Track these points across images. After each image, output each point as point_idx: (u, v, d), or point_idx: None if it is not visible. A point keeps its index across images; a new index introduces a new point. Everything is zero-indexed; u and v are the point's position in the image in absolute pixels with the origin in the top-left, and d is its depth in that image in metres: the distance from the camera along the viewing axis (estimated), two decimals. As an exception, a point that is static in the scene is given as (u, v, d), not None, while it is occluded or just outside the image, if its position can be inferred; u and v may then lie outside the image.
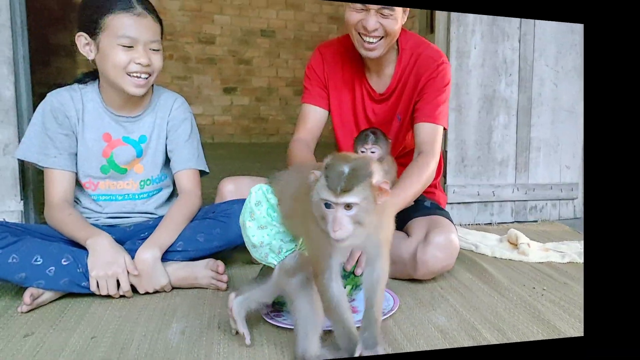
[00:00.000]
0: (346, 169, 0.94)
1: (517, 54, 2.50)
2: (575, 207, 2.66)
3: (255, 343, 1.21)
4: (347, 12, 1.68)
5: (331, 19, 6.05)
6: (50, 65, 4.93)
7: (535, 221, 2.60)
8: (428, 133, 1.74)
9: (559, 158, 2.62)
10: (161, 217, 1.63)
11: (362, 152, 1.67)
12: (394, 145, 1.84)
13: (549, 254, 1.98)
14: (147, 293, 1.47)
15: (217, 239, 1.55)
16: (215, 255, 1.56)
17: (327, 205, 0.95)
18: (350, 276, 1.37)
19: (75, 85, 1.58)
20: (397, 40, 1.78)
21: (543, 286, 1.66)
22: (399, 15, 1.65)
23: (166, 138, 1.65)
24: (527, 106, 2.54)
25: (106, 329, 1.27)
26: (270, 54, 5.81)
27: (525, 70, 2.52)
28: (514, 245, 2.08)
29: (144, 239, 1.50)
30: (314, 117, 1.87)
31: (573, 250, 2.01)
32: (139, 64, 1.48)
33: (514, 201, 2.57)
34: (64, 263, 1.40)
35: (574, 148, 2.61)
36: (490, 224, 2.54)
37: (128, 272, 1.43)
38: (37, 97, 1.75)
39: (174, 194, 1.74)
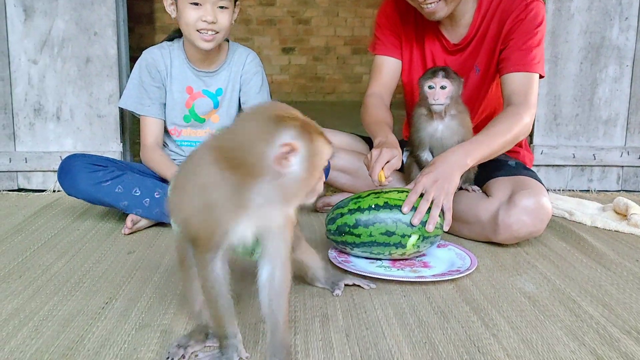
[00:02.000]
0: None
1: None
2: None
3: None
4: None
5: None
6: (134, 31, 5.41)
7: None
8: (520, 83, 1.55)
9: None
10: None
11: (431, 87, 1.54)
12: (470, 103, 1.66)
13: None
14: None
15: None
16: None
17: None
18: (418, 226, 1.33)
19: (165, 43, 1.80)
20: None
21: None
22: None
23: (240, 90, 1.84)
24: None
25: (190, 255, 1.49)
26: (329, 13, 5.89)
27: None
28: (623, 215, 1.80)
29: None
30: (388, 68, 1.76)
31: None
32: (205, 21, 1.62)
33: (622, 167, 2.25)
34: (156, 196, 1.64)
35: None
36: (588, 190, 2.26)
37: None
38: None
39: (246, 142, 1.94)
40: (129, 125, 2.22)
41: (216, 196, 0.85)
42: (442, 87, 1.53)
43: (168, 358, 0.95)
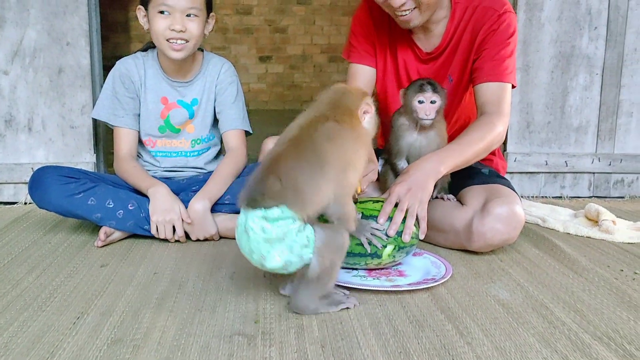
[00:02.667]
0: None
1: (607, 3, 2.19)
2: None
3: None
4: None
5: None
6: (109, 40, 5.44)
7: (622, 197, 2.31)
8: (493, 93, 1.56)
9: None
10: (210, 172, 1.81)
11: (421, 102, 1.53)
12: (444, 112, 1.65)
13: None
14: (198, 240, 1.66)
15: None
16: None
17: None
18: (394, 236, 1.33)
19: (139, 54, 1.78)
20: None
21: (635, 269, 1.47)
22: None
23: (215, 100, 1.84)
24: (617, 64, 2.22)
25: (165, 267, 1.45)
26: (305, 21, 5.91)
27: (617, 22, 2.19)
28: (594, 221, 1.83)
29: (196, 191, 1.70)
30: (363, 76, 1.75)
31: (676, 233, 1.73)
32: (174, 30, 1.62)
33: (594, 173, 2.28)
34: (130, 208, 1.62)
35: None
36: (561, 197, 2.28)
37: (183, 220, 1.64)
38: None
39: (221, 152, 1.93)
40: (103, 136, 2.20)
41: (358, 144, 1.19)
42: (432, 102, 1.54)
43: None
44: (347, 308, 1.21)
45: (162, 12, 1.62)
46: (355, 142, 1.18)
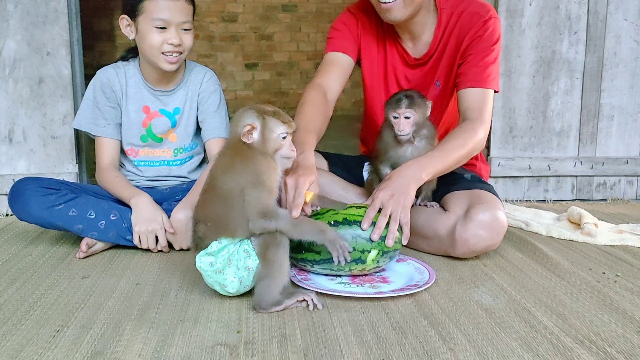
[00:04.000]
0: None
1: (586, 8, 2.20)
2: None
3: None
4: None
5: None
6: (94, 49, 5.46)
7: (605, 200, 2.33)
8: (475, 99, 1.56)
9: (638, 128, 2.29)
10: (193, 181, 1.80)
11: (395, 117, 1.52)
12: (431, 117, 1.63)
13: (624, 236, 1.73)
14: (181, 250, 1.65)
15: None
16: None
17: None
18: (377, 241, 1.33)
19: (120, 63, 1.77)
20: (434, 1, 1.62)
21: (616, 272, 1.48)
22: None
23: (197, 109, 1.83)
24: (597, 68, 2.23)
25: (148, 278, 1.44)
26: (292, 28, 5.92)
27: (596, 27, 2.21)
28: (576, 224, 1.83)
29: (179, 200, 1.69)
30: (337, 63, 1.70)
31: (656, 234, 1.72)
32: (171, 44, 1.63)
33: (576, 176, 2.29)
34: (112, 218, 1.61)
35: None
36: (544, 201, 2.30)
37: (165, 230, 1.63)
38: (85, 77, 1.98)
39: (204, 161, 1.92)
40: (85, 146, 2.18)
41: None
42: (406, 117, 1.52)
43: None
44: (305, 301, 1.26)
45: (159, 27, 1.62)
46: (245, 164, 1.24)
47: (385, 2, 1.52)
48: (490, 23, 1.58)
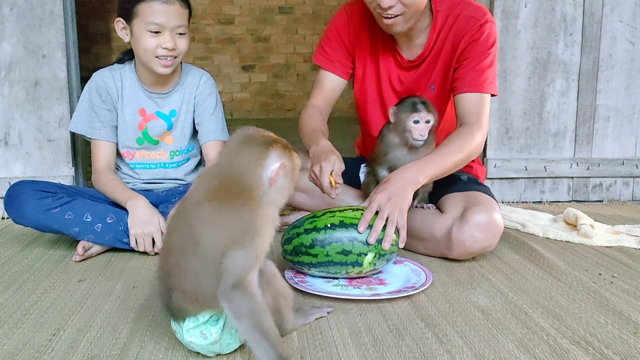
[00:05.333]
0: None
1: (581, 10, 2.21)
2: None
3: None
4: None
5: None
6: (90, 51, 5.47)
7: (601, 201, 2.33)
8: (472, 104, 1.56)
9: (634, 129, 2.29)
10: (190, 183, 1.80)
11: (416, 122, 1.52)
12: None
13: (620, 237, 1.73)
14: (178, 251, 1.66)
15: None
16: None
17: None
18: (374, 244, 1.33)
19: (115, 65, 1.77)
20: (430, 3, 1.61)
21: (613, 273, 1.48)
22: None
23: (194, 112, 1.82)
24: (593, 70, 2.24)
25: (144, 281, 1.44)
26: (288, 31, 5.92)
27: (591, 29, 2.22)
28: (573, 226, 1.83)
29: (175, 203, 1.69)
30: (331, 85, 1.75)
31: (652, 235, 1.73)
32: (166, 48, 1.62)
33: (572, 178, 2.30)
34: (109, 221, 1.61)
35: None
36: (541, 202, 2.30)
37: (162, 232, 1.62)
38: (81, 80, 1.99)
39: (201, 163, 1.92)
40: (82, 148, 2.18)
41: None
42: (427, 122, 1.53)
43: None
44: (322, 317, 1.20)
45: (154, 32, 1.61)
46: (240, 216, 0.97)
47: (387, 17, 1.52)
48: (486, 27, 1.58)
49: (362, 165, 1.84)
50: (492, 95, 1.63)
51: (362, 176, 1.81)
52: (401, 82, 1.73)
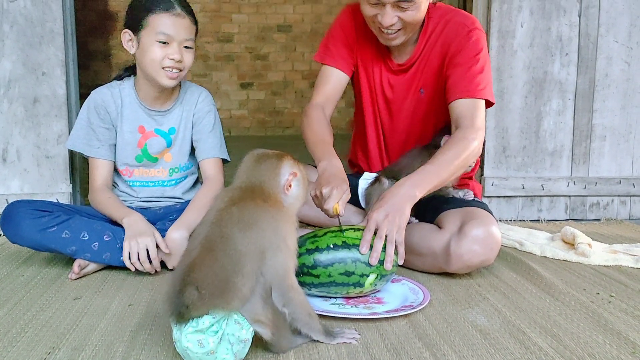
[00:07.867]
0: None
1: (577, 31, 2.23)
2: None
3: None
4: (361, 5, 1.58)
5: (346, 13, 6.17)
6: (89, 68, 5.49)
7: (598, 220, 2.33)
8: (465, 108, 1.56)
9: (630, 148, 2.30)
10: (187, 201, 1.79)
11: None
12: (416, 123, 1.69)
13: (618, 256, 1.73)
14: (174, 269, 1.65)
15: None
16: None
17: None
18: (376, 265, 1.32)
19: (115, 83, 1.78)
20: None
21: (610, 292, 1.48)
22: (422, 1, 1.53)
23: (192, 129, 1.83)
24: (589, 89, 2.25)
25: (140, 299, 1.43)
26: (287, 48, 5.96)
27: (587, 49, 2.24)
28: (570, 244, 1.84)
29: (173, 220, 1.68)
30: (334, 81, 1.75)
31: (650, 254, 1.72)
32: (172, 59, 1.63)
33: (569, 196, 2.31)
34: (106, 239, 1.60)
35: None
36: (538, 220, 2.31)
37: (158, 248, 1.60)
38: (80, 96, 1.99)
39: (198, 181, 1.92)
40: (79, 165, 2.18)
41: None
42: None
43: None
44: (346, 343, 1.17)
45: (163, 42, 1.62)
46: (270, 222, 1.07)
47: (389, 34, 1.56)
48: (474, 33, 1.61)
49: (365, 172, 1.85)
50: (489, 102, 1.63)
51: (361, 182, 1.80)
52: (391, 86, 1.75)
